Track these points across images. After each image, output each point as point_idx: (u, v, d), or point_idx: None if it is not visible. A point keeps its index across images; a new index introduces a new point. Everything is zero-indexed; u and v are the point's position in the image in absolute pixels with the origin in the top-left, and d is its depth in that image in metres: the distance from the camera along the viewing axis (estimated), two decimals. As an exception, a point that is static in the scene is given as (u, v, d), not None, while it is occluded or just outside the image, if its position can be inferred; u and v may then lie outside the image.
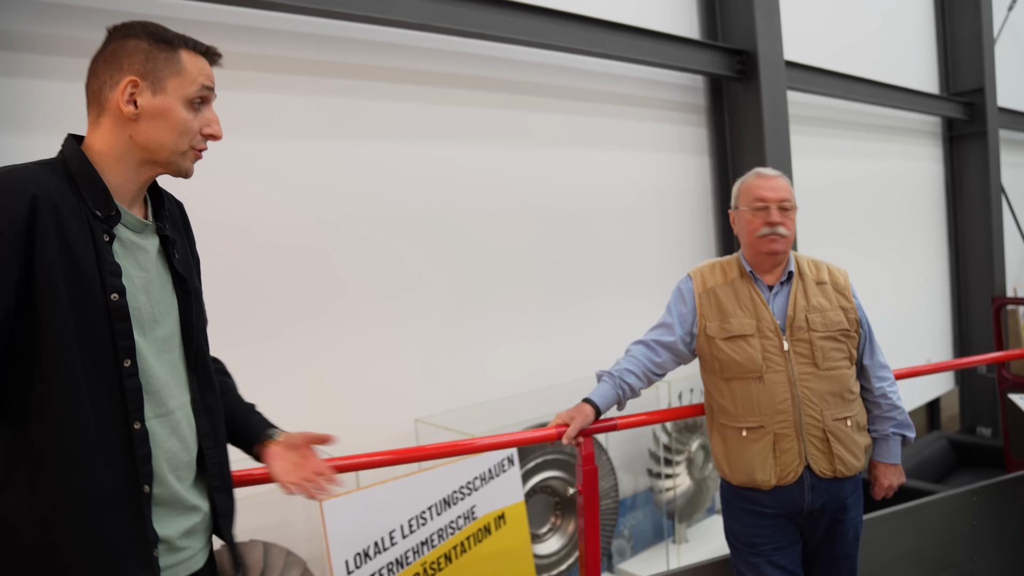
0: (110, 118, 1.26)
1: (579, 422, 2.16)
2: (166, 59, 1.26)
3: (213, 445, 1.41)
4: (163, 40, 1.27)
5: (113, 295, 1.21)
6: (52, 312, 1.13)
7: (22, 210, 1.10)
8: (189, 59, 1.29)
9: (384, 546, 2.56)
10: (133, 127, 1.25)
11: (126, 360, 1.22)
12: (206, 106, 1.33)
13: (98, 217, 1.21)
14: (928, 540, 3.07)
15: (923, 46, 6.98)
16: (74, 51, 2.49)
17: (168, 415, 1.31)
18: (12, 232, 1.09)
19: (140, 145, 1.26)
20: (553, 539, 3.61)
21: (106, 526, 1.18)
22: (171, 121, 1.26)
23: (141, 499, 1.23)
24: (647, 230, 4.43)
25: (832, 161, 5.82)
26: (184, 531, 1.34)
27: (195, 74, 1.29)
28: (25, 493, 1.13)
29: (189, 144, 1.30)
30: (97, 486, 1.17)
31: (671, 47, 4.24)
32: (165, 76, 1.26)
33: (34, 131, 2.41)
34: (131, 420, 1.22)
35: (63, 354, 1.14)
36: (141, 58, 1.25)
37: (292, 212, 2.98)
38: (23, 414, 1.14)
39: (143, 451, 1.24)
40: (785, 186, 2.20)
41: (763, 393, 2.10)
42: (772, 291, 2.20)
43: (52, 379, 1.13)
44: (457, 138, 3.53)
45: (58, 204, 1.15)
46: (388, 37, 3.24)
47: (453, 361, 3.53)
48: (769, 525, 2.16)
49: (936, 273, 7.09)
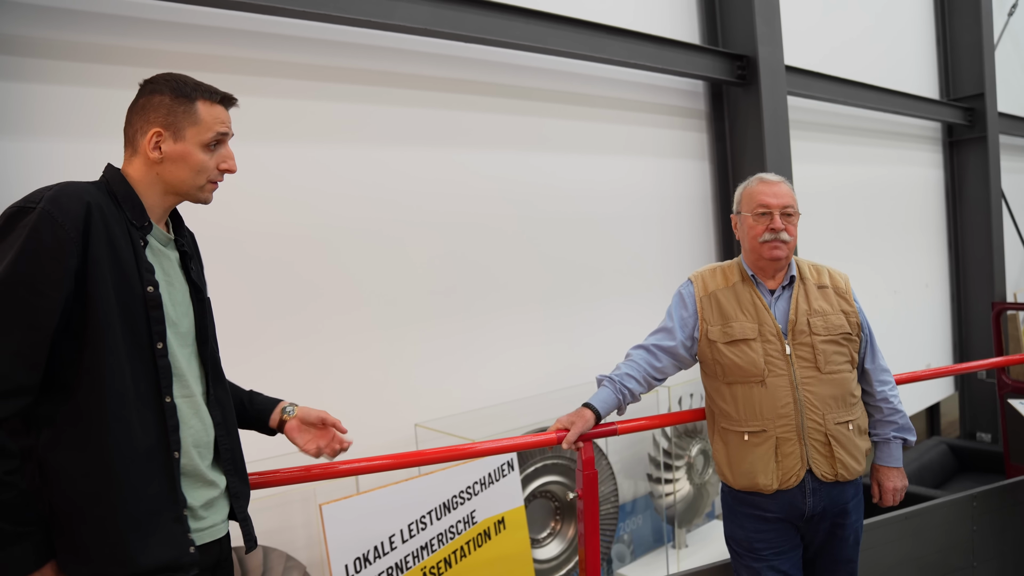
0: (140, 158, 1.51)
1: (579, 427, 2.16)
2: (184, 111, 1.50)
3: (225, 434, 1.62)
4: (182, 95, 1.50)
5: (149, 287, 1.45)
6: (100, 297, 1.37)
7: (81, 213, 1.36)
8: (205, 109, 1.52)
9: (384, 550, 2.55)
10: (159, 167, 1.51)
11: (159, 343, 1.46)
12: (222, 145, 1.56)
13: (135, 225, 1.47)
14: (928, 545, 3.07)
15: (923, 51, 6.99)
16: (74, 55, 2.49)
17: (191, 397, 1.54)
18: (74, 230, 1.34)
19: (165, 180, 1.52)
20: (553, 544, 3.61)
21: (144, 480, 1.40)
22: (190, 163, 1.51)
23: (172, 463, 1.45)
24: (648, 235, 4.43)
25: (832, 166, 5.83)
26: (204, 502, 1.54)
27: (211, 123, 1.53)
28: (76, 450, 1.35)
29: (206, 179, 1.54)
30: (135, 447, 1.39)
31: (672, 52, 4.25)
32: (184, 126, 1.50)
33: (34, 135, 2.41)
34: (163, 394, 1.45)
35: (108, 332, 1.37)
36: (164, 112, 1.49)
37: (292, 217, 2.98)
38: (73, 383, 1.36)
39: (172, 421, 1.46)
40: (788, 192, 2.21)
41: (765, 397, 2.10)
42: (774, 295, 2.20)
43: (99, 353, 1.36)
44: (458, 143, 3.53)
45: (105, 212, 1.41)
46: (388, 42, 3.25)
47: (453, 366, 3.53)
48: (770, 529, 2.16)
49: (936, 278, 7.09)
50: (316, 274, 3.06)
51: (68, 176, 2.41)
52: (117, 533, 1.37)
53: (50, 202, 1.34)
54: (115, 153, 1.57)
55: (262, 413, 1.83)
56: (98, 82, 2.54)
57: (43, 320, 1.31)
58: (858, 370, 2.24)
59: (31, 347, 1.31)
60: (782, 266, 2.20)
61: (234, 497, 1.63)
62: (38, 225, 1.32)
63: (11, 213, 1.35)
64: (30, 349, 1.31)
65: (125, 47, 2.59)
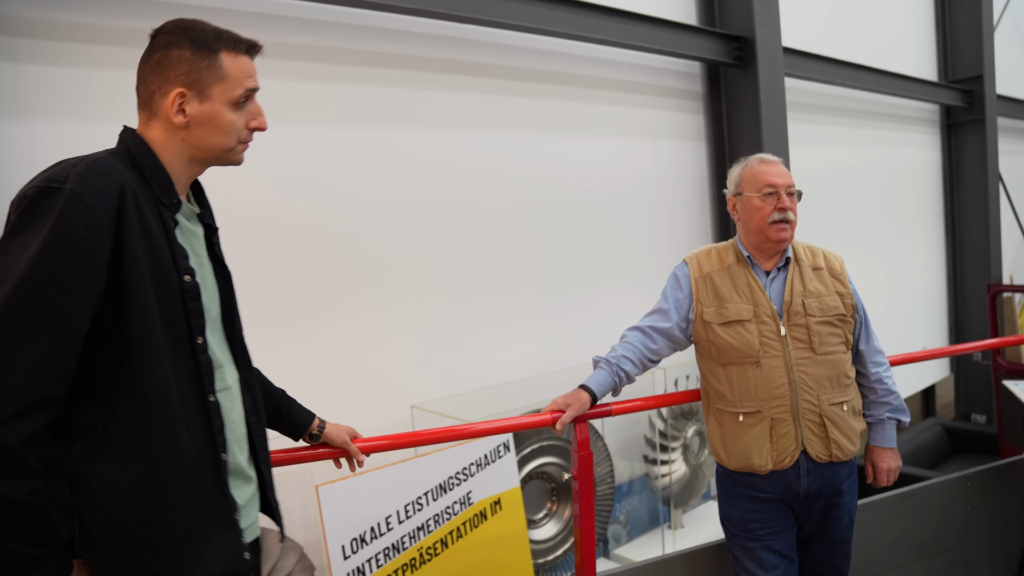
0: (161, 123, 1.33)
1: (575, 408, 2.16)
2: (208, 66, 1.32)
3: (256, 420, 1.51)
4: (204, 46, 1.32)
5: (186, 276, 1.31)
6: (138, 292, 1.21)
7: (113, 196, 1.19)
8: (230, 62, 1.35)
9: (380, 531, 2.56)
10: (184, 132, 1.33)
11: (199, 337, 1.33)
12: (250, 101, 1.40)
13: (164, 204, 1.31)
14: (922, 525, 3.09)
15: (922, 33, 6.95)
16: (69, 36, 2.47)
17: (227, 389, 1.42)
18: (107, 218, 1.17)
19: (191, 146, 1.35)
20: (549, 525, 3.63)
21: (194, 490, 1.28)
22: (218, 125, 1.34)
23: (220, 466, 1.34)
24: (643, 217, 4.42)
25: (829, 148, 5.81)
26: (247, 499, 1.45)
27: (239, 77, 1.35)
28: (118, 463, 1.21)
29: (237, 140, 1.39)
30: (183, 454, 1.27)
31: (668, 33, 4.22)
32: (209, 84, 1.32)
33: (28, 117, 2.39)
34: (206, 392, 1.33)
35: (149, 332, 1.23)
36: (185, 68, 1.30)
37: (286, 200, 2.97)
38: (110, 388, 1.22)
39: (218, 421, 1.35)
40: (789, 172, 2.21)
41: (760, 378, 2.11)
42: (769, 276, 2.20)
43: (140, 356, 1.22)
44: (452, 125, 3.51)
45: (136, 192, 1.24)
46: (381, 22, 3.22)
47: (449, 348, 3.53)
48: (765, 510, 2.18)
49: (933, 261, 7.10)
50: (313, 255, 3.05)
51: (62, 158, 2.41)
52: (170, 551, 1.24)
53: (79, 182, 1.16)
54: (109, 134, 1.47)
55: (298, 428, 1.80)
56: (93, 63, 2.51)
57: (74, 323, 1.14)
58: (853, 351, 2.24)
59: (60, 354, 1.14)
60: (786, 246, 2.19)
61: (268, 487, 1.53)
62: (67, 210, 1.13)
63: (34, 195, 1.15)
64: (59, 356, 1.13)
65: (121, 27, 2.56)
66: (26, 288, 1.10)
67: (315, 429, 1.82)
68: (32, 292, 1.10)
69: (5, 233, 1.16)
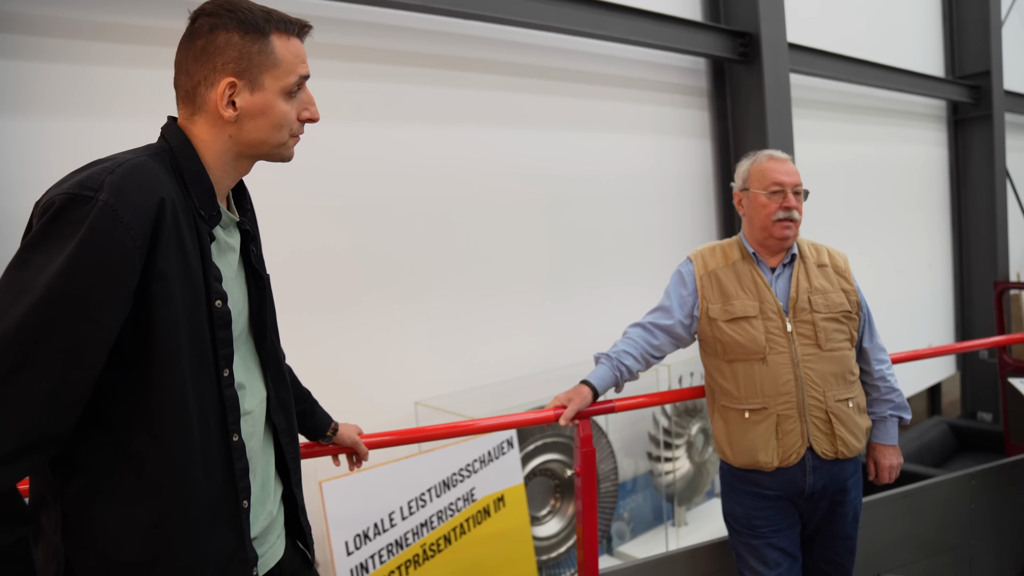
0: (207, 118, 1.19)
1: (576, 404, 2.16)
2: (259, 51, 1.18)
3: (290, 441, 1.39)
4: (254, 28, 1.18)
5: (217, 302, 1.17)
6: (167, 320, 1.07)
7: (151, 214, 1.05)
8: (282, 45, 1.21)
9: (383, 527, 2.57)
10: (233, 127, 1.20)
11: (225, 369, 1.19)
12: (302, 90, 1.27)
13: (202, 217, 1.17)
14: (926, 523, 3.08)
15: (929, 28, 6.92)
16: (73, 33, 2.47)
17: (247, 415, 1.27)
18: (141, 237, 1.03)
19: (240, 142, 1.22)
20: (552, 521, 3.63)
21: (209, 541, 1.15)
22: (272, 118, 1.21)
23: (240, 514, 1.21)
24: (648, 213, 4.41)
25: (835, 145, 5.79)
26: (264, 528, 1.32)
27: (293, 63, 1.22)
28: (121, 507, 1.08)
29: (288, 134, 1.26)
30: (199, 500, 1.13)
31: (673, 29, 4.21)
32: (261, 71, 1.19)
33: (32, 114, 2.39)
34: (230, 432, 1.19)
35: (176, 364, 1.09)
36: (235, 55, 1.16)
37: (293, 196, 2.97)
38: (125, 423, 1.08)
39: (240, 464, 1.21)
40: (797, 170, 2.20)
41: (766, 374, 2.10)
42: (774, 273, 2.20)
43: (163, 391, 1.08)
44: (457, 121, 3.51)
45: (176, 206, 1.10)
46: (387, 18, 3.21)
47: (454, 345, 3.53)
48: (770, 507, 2.17)
49: (939, 258, 7.07)
50: (317, 251, 3.06)
51: (67, 155, 2.41)
52: None
53: (114, 192, 1.01)
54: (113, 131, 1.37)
55: (318, 431, 1.78)
56: (97, 60, 2.52)
57: (91, 356, 1.00)
58: (856, 348, 2.24)
59: (73, 387, 1.00)
60: (790, 244, 2.19)
61: (300, 510, 1.42)
62: (97, 225, 0.99)
63: (62, 203, 1.00)
64: (71, 390, 1.00)
65: (125, 24, 2.56)
66: (42, 311, 0.97)
67: (330, 431, 1.82)
68: (48, 317, 0.97)
69: (26, 242, 1.01)
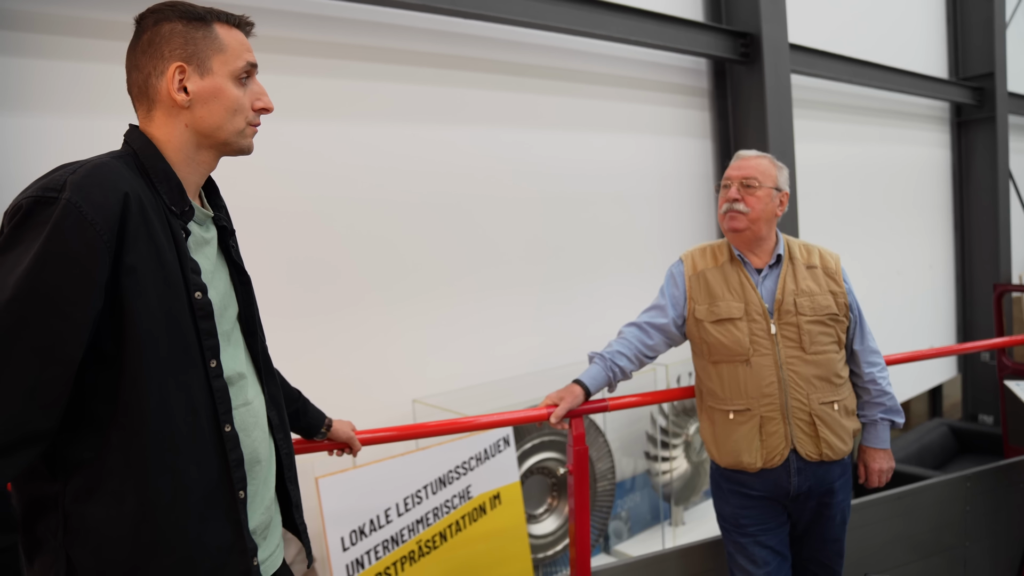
0: (162, 109, 1.21)
1: (568, 403, 2.18)
2: (204, 37, 1.21)
3: (283, 436, 1.41)
4: (196, 17, 1.21)
5: (197, 293, 1.18)
6: (141, 314, 1.09)
7: (116, 209, 1.07)
8: (226, 33, 1.24)
9: (379, 524, 2.59)
10: (187, 114, 1.21)
11: (212, 360, 1.20)
12: (251, 80, 1.28)
13: (174, 213, 1.19)
14: (920, 524, 3.09)
15: (932, 30, 6.90)
16: (73, 31, 2.49)
17: (247, 405, 1.30)
18: (107, 231, 1.05)
19: (197, 131, 1.23)
20: (549, 520, 3.65)
21: (204, 534, 1.16)
22: (224, 101, 1.22)
23: (237, 505, 1.21)
24: (647, 213, 4.42)
25: (836, 145, 5.79)
26: (263, 525, 1.32)
27: (238, 49, 1.25)
28: (114, 503, 1.09)
29: (245, 121, 1.27)
30: (191, 493, 1.14)
31: (674, 29, 4.22)
32: (209, 55, 1.21)
33: (32, 111, 2.42)
34: (221, 423, 1.20)
35: (152, 357, 1.10)
36: (180, 41, 1.19)
37: (291, 194, 2.99)
38: (109, 418, 1.09)
39: (235, 455, 1.22)
40: (755, 165, 2.19)
41: (750, 376, 2.11)
42: (761, 274, 2.20)
43: (139, 384, 1.09)
44: (457, 120, 3.53)
45: (143, 202, 1.12)
46: (388, 17, 3.23)
47: (452, 343, 3.55)
48: (756, 506, 2.18)
49: (941, 260, 7.06)
50: (318, 249, 3.08)
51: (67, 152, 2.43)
52: None
53: (76, 191, 1.03)
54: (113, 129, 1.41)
55: (312, 429, 1.79)
56: (97, 58, 2.54)
57: (67, 351, 1.03)
58: (847, 351, 2.24)
59: (51, 383, 1.02)
60: (746, 238, 2.19)
61: (295, 507, 1.43)
62: (62, 223, 1.02)
63: (27, 206, 1.03)
64: (49, 386, 1.02)
65: (125, 23, 2.58)
66: (13, 310, 0.99)
67: (324, 428, 1.84)
68: (20, 315, 0.99)
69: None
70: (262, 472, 1.32)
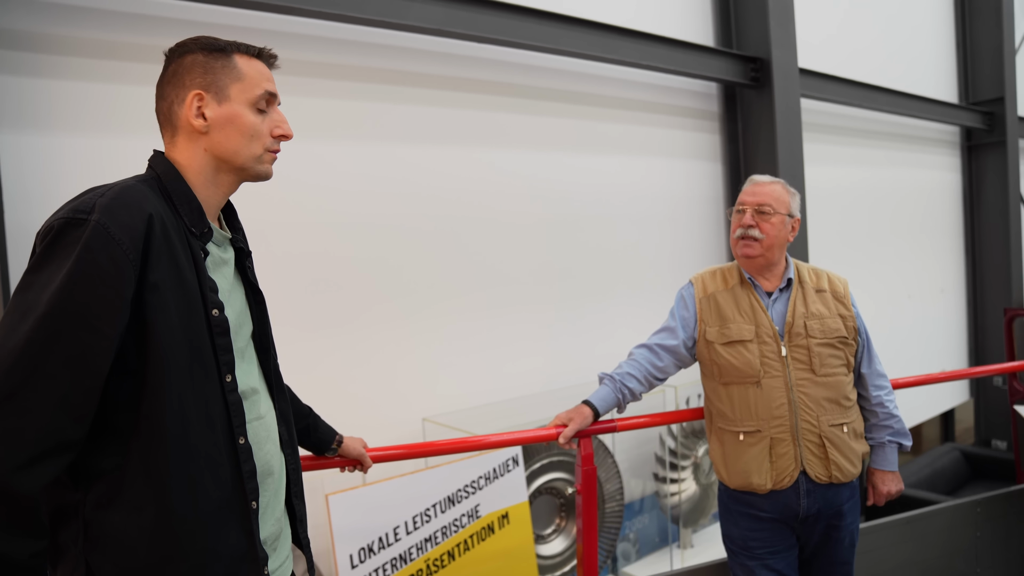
0: (183, 135, 1.29)
1: (577, 423, 2.20)
2: (223, 67, 1.28)
3: (291, 452, 1.45)
4: (216, 49, 1.29)
5: (214, 310, 1.24)
6: (163, 329, 1.15)
7: (140, 228, 1.13)
8: (245, 63, 1.31)
9: (388, 542, 2.60)
10: (206, 140, 1.28)
11: (227, 375, 1.26)
12: (272, 108, 1.35)
13: (194, 234, 1.25)
14: (930, 550, 3.07)
15: (942, 54, 6.93)
16: (96, 53, 2.56)
17: (260, 419, 1.35)
18: (133, 251, 1.11)
19: (216, 156, 1.29)
20: (557, 540, 3.64)
21: (218, 543, 1.20)
22: (240, 126, 1.29)
23: (250, 515, 1.26)
24: (658, 235, 4.45)
25: (846, 169, 5.80)
26: (273, 536, 1.37)
27: (257, 78, 1.31)
28: (134, 511, 1.14)
29: (263, 147, 1.33)
30: (207, 502, 1.19)
31: (685, 54, 4.26)
32: (226, 83, 1.28)
33: (54, 130, 2.48)
34: (235, 435, 1.25)
35: (172, 370, 1.16)
36: (200, 71, 1.27)
37: (303, 212, 3.03)
38: (130, 431, 1.15)
39: (248, 466, 1.27)
40: (770, 192, 2.22)
41: (760, 398, 2.13)
42: (771, 297, 2.23)
43: (160, 396, 1.15)
44: (471, 142, 3.57)
45: (166, 223, 1.18)
46: (402, 41, 3.29)
47: (462, 362, 3.57)
48: (765, 529, 2.19)
49: (952, 283, 7.03)
50: (330, 268, 3.11)
51: (87, 170, 2.49)
52: None
53: (105, 213, 1.10)
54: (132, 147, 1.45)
55: (322, 445, 1.81)
56: (115, 78, 2.60)
57: (96, 363, 1.09)
58: (854, 374, 2.26)
59: (81, 395, 1.07)
60: (758, 264, 2.21)
61: (299, 522, 1.47)
62: (91, 243, 1.08)
63: (59, 227, 1.10)
64: (80, 398, 1.07)
65: (140, 44, 2.65)
66: (47, 326, 1.05)
67: (335, 444, 1.86)
68: (53, 330, 1.05)
69: (30, 267, 1.11)
70: (273, 484, 1.37)
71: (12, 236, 2.36)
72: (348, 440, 1.92)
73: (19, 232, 2.37)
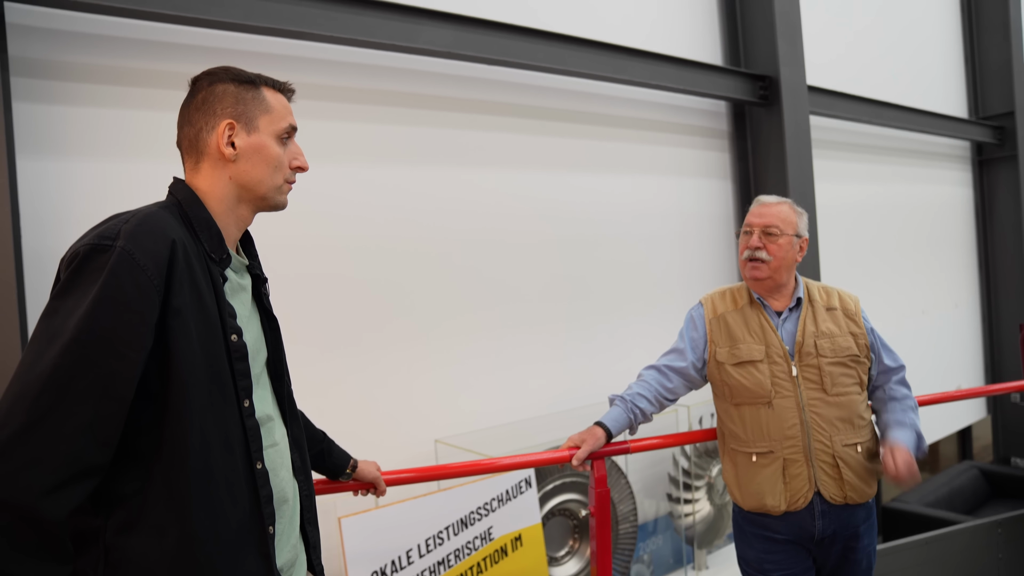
0: (209, 162, 1.31)
1: (590, 444, 2.19)
2: (253, 98, 1.33)
3: (304, 479, 1.46)
4: (247, 81, 1.33)
5: (233, 336, 1.26)
6: (185, 354, 1.16)
7: (164, 254, 1.15)
8: (272, 97, 1.36)
9: (401, 565, 2.59)
10: (232, 168, 1.31)
11: (245, 400, 1.27)
12: (291, 141, 1.39)
13: (214, 260, 1.27)
14: (951, 572, 3.02)
15: (951, 70, 6.94)
16: (102, 79, 2.60)
17: (275, 446, 1.36)
18: (157, 276, 1.13)
19: (239, 184, 1.32)
20: (571, 562, 3.61)
21: (236, 567, 1.21)
22: (266, 157, 1.33)
23: (267, 540, 1.27)
24: (669, 254, 4.45)
25: (857, 185, 5.79)
26: (290, 563, 1.37)
27: (282, 111, 1.36)
28: (156, 536, 1.14)
29: (283, 178, 1.37)
30: (226, 527, 1.20)
31: (694, 73, 4.29)
32: (256, 115, 1.32)
33: (71, 155, 2.51)
34: (253, 460, 1.26)
35: (194, 395, 1.17)
36: (231, 101, 1.31)
37: (316, 233, 3.05)
38: (151, 455, 1.15)
39: (266, 491, 1.28)
40: (777, 213, 2.21)
41: (772, 418, 2.12)
42: (781, 317, 2.22)
43: (182, 420, 1.15)
44: (483, 163, 3.60)
45: (187, 248, 1.20)
46: (415, 64, 3.33)
47: (475, 383, 3.57)
48: (780, 551, 2.16)
49: (966, 298, 6.98)
50: (341, 289, 3.13)
51: (98, 194, 2.52)
52: None
53: (130, 239, 1.12)
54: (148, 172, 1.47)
55: (337, 469, 1.82)
56: (124, 103, 2.64)
57: (122, 388, 1.09)
58: (873, 383, 2.25)
59: (107, 420, 1.08)
60: (766, 286, 2.21)
61: (312, 548, 1.47)
62: (117, 269, 1.09)
63: (84, 253, 1.11)
64: (106, 422, 1.08)
65: (149, 70, 2.69)
66: (74, 351, 1.06)
67: (350, 468, 1.86)
68: (80, 355, 1.06)
69: (55, 292, 1.12)
70: (288, 511, 1.37)
71: (28, 260, 2.39)
72: (362, 464, 1.92)
73: (34, 256, 2.40)
